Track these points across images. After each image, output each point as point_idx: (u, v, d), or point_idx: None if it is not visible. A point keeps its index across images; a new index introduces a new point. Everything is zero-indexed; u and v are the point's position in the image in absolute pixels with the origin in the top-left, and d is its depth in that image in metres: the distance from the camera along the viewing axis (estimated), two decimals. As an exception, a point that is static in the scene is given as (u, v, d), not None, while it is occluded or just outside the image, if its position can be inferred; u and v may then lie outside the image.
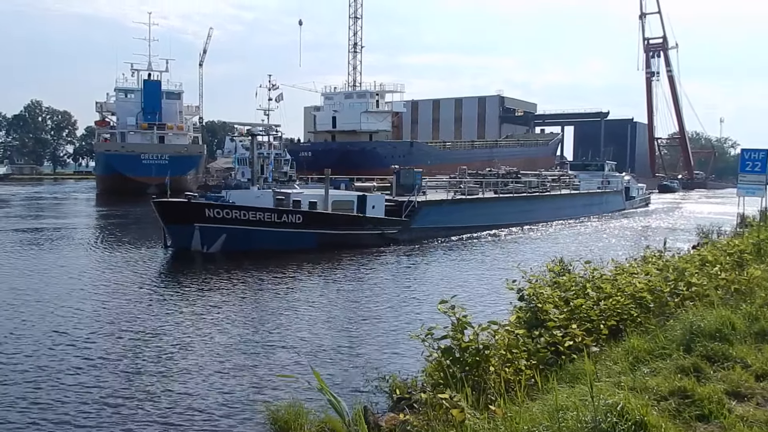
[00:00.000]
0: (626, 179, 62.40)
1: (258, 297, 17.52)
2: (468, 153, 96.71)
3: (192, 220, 24.22)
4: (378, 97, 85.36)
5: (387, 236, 28.30)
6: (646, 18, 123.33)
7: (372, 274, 21.57)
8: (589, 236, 34.48)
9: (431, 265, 24.04)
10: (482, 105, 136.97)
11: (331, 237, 25.91)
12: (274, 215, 25.05)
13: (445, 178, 41.91)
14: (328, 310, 15.63)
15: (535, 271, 9.05)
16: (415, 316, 14.63)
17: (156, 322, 14.07)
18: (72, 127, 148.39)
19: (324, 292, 18.26)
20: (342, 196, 29.40)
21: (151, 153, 63.18)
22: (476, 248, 28.65)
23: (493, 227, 34.86)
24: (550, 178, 49.78)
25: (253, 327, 13.77)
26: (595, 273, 9.33)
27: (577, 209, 46.45)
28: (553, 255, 22.25)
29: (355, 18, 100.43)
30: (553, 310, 7.34)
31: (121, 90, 70.94)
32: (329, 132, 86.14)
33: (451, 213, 33.64)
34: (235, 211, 24.61)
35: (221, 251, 24.16)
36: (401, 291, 18.43)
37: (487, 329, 6.25)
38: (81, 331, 12.97)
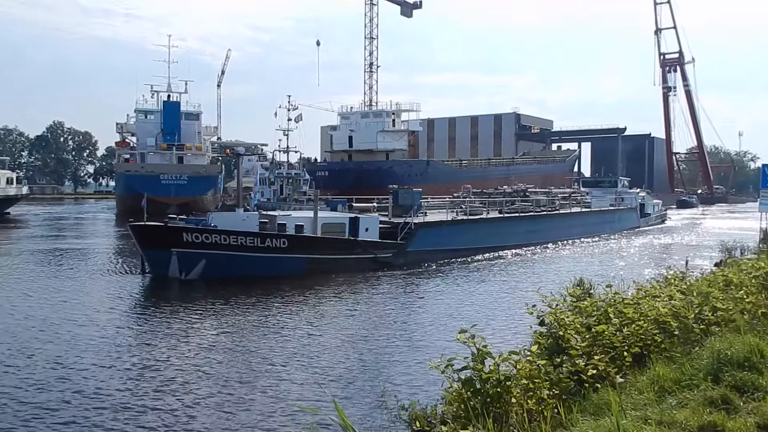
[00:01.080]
0: (641, 195, 60.34)
1: (246, 326, 16.25)
2: (484, 171, 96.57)
3: (169, 244, 22.77)
4: (394, 117, 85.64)
5: (380, 260, 26.72)
6: (661, 33, 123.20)
7: (365, 300, 20.41)
8: (601, 257, 32.91)
9: (425, 291, 22.69)
10: (498, 123, 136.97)
11: (321, 262, 24.53)
12: (256, 239, 23.56)
13: (447, 198, 40.38)
14: (326, 338, 14.75)
15: (555, 295, 8.90)
16: (416, 342, 14.22)
17: (137, 354, 12.97)
18: (93, 147, 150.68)
19: (317, 318, 17.17)
20: (332, 218, 27.85)
21: (170, 173, 63.71)
22: (477, 272, 27.10)
23: (497, 249, 33.06)
24: (560, 196, 48.13)
25: (251, 358, 12.87)
26: (617, 297, 9.16)
27: (588, 228, 44.32)
28: (560, 278, 21.96)
29: (371, 38, 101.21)
30: (575, 336, 7.20)
31: (141, 111, 71.85)
32: (346, 151, 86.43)
33: (452, 235, 31.78)
34: (215, 236, 23.14)
35: (201, 278, 22.74)
36: (398, 316, 17.61)
37: (508, 359, 6.13)
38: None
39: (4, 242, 37.41)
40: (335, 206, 32.64)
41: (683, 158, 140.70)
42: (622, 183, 58.85)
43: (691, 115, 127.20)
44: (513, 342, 10.01)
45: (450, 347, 12.51)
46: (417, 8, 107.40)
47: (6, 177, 62.25)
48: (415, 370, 11.73)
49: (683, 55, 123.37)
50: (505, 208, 38.28)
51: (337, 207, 32.68)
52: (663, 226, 58.50)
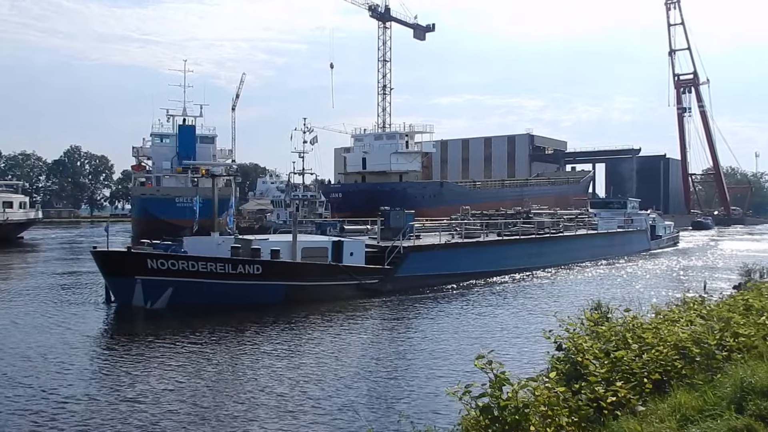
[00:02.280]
0: (651, 217, 58.48)
1: (217, 360, 14.79)
2: (498, 192, 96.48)
3: (133, 272, 21.25)
4: (407, 138, 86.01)
5: (365, 287, 25.01)
6: (675, 54, 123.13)
7: (346, 329, 18.95)
8: (607, 281, 31.14)
9: (408, 319, 21.26)
10: (512, 144, 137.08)
11: (300, 289, 22.95)
12: (227, 265, 21.97)
13: (445, 220, 39.07)
14: (308, 369, 13.72)
15: (572, 319, 8.79)
16: (405, 373, 13.54)
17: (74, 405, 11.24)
18: (109, 171, 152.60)
19: (297, 349, 16.04)
20: (313, 242, 26.21)
21: (185, 196, 64.19)
22: (471, 298, 25.31)
23: (496, 274, 31.31)
24: (565, 218, 46.47)
25: (233, 395, 11.87)
26: (635, 321, 9.04)
27: (595, 251, 42.47)
28: (563, 305, 21.47)
29: (384, 61, 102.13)
30: (594, 362, 7.10)
31: (157, 135, 72.67)
32: (359, 173, 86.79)
33: (445, 259, 29.73)
34: (182, 262, 21.63)
35: (168, 307, 21.18)
36: (383, 346, 16.59)
37: (526, 386, 6.05)
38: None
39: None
40: (325, 229, 31.38)
41: (699, 179, 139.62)
42: (631, 204, 57.11)
43: (706, 136, 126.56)
44: (515, 369, 9.77)
45: (446, 377, 12.52)
46: (430, 31, 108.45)
47: (19, 201, 62.81)
48: (416, 399, 11.53)
49: (698, 76, 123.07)
50: (504, 231, 36.76)
51: (326, 230, 31.25)
52: (675, 249, 56.55)
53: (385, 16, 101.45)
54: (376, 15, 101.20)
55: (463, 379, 6.34)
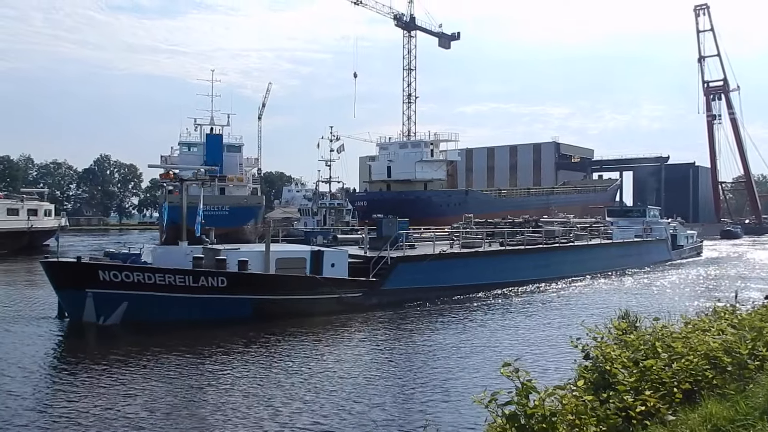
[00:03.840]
0: (672, 225, 56.20)
1: (179, 386, 13.16)
2: (524, 200, 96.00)
3: (83, 284, 19.43)
4: (432, 147, 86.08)
5: (346, 301, 22.91)
6: (705, 61, 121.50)
7: (319, 348, 17.15)
8: (619, 293, 29.43)
9: (391, 337, 19.34)
10: (537, 152, 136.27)
11: (270, 304, 21.05)
12: (188, 278, 20.10)
13: (447, 229, 37.26)
14: (287, 391, 12.65)
15: (600, 328, 8.69)
16: (388, 400, 12.30)
17: None
18: (137, 179, 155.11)
19: (264, 369, 14.63)
20: (290, 252, 24.27)
21: (212, 204, 64.94)
22: (462, 313, 23.39)
23: (496, 286, 29.48)
24: (578, 227, 44.41)
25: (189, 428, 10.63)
26: (665, 330, 8.91)
27: (610, 261, 40.33)
28: (570, 318, 21.02)
29: (409, 70, 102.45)
30: (622, 371, 7.01)
31: (185, 144, 73.53)
32: (384, 181, 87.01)
33: (439, 270, 27.45)
34: (137, 274, 19.76)
35: (122, 323, 19.45)
36: (359, 368, 14.83)
37: (553, 394, 6.00)
38: None
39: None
40: (312, 238, 29.48)
41: (729, 188, 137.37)
42: (651, 212, 54.50)
43: (737, 144, 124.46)
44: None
45: (447, 398, 12.15)
46: (455, 39, 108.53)
47: (44, 209, 63.65)
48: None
49: (728, 83, 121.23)
50: (507, 240, 34.52)
51: (315, 239, 29.37)
52: (698, 259, 54.04)
53: (410, 25, 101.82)
54: (401, 24, 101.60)
55: (467, 391, 6.29)
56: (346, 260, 24.36)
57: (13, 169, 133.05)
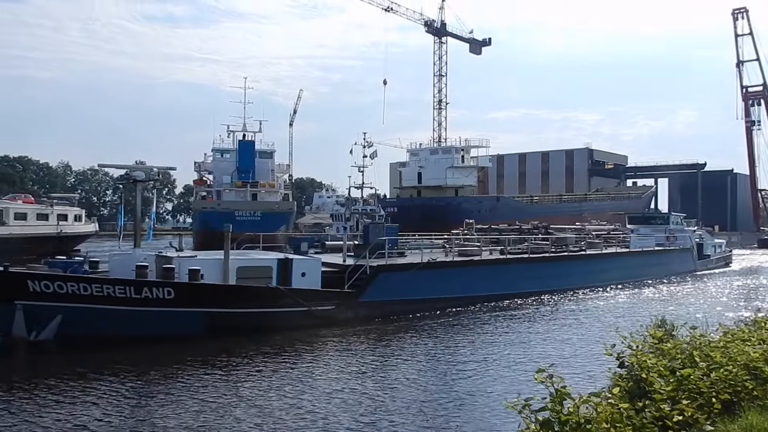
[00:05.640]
0: (698, 234, 53.39)
1: (114, 411, 11.82)
2: (556, 207, 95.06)
3: (12, 296, 17.46)
4: (463, 153, 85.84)
5: (315, 315, 20.79)
6: (744, 65, 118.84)
7: (282, 371, 15.40)
8: (635, 305, 27.76)
9: (372, 352, 17.57)
10: (570, 158, 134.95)
11: (226, 318, 18.78)
12: (129, 289, 18.05)
13: (445, 236, 34.83)
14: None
15: (635, 336, 8.57)
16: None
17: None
18: (171, 185, 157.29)
19: (208, 399, 12.80)
20: (253, 261, 22.26)
21: (244, 210, 65.61)
22: (453, 328, 21.56)
23: (492, 298, 27.29)
24: (593, 234, 42.10)
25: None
26: (702, 339, 8.74)
27: (627, 272, 37.70)
28: (573, 334, 20.14)
29: (440, 76, 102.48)
30: (659, 380, 6.89)
31: (218, 150, 74.53)
32: (415, 187, 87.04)
33: (425, 281, 25.03)
34: (71, 284, 17.74)
35: (56, 339, 17.60)
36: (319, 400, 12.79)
37: (588, 401, 5.91)
38: None
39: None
40: (298, 245, 27.81)
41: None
42: (674, 219, 51.20)
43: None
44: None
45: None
46: (486, 45, 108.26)
47: (74, 214, 64.69)
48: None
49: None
50: (508, 248, 32.15)
51: (300, 246, 27.61)
52: (726, 270, 50.65)
53: (440, 31, 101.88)
54: (431, 30, 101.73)
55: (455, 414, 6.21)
56: (318, 269, 22.29)
57: (51, 176, 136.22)
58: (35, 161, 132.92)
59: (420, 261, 25.74)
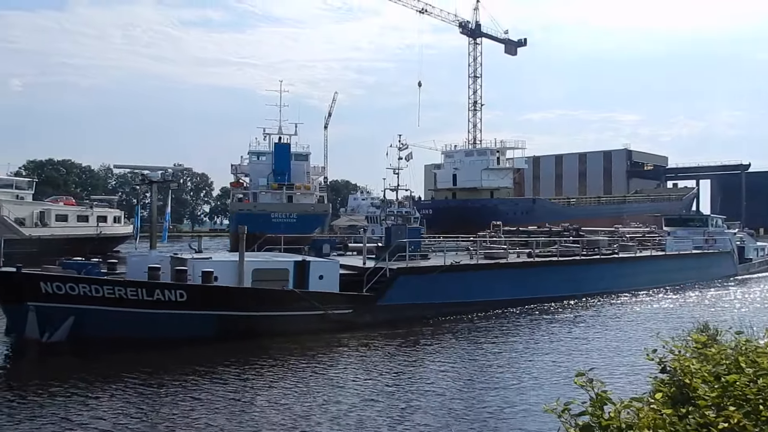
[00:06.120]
0: (739, 236, 50.51)
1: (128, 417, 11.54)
2: (594, 209, 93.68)
3: (25, 297, 17.52)
4: (499, 154, 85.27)
5: (332, 318, 20.40)
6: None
7: (298, 377, 14.91)
8: (667, 312, 26.52)
9: (393, 358, 17.08)
10: (608, 159, 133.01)
11: (239, 321, 18.67)
12: (141, 291, 17.96)
13: (471, 238, 33.88)
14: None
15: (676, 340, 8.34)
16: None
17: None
18: (209, 188, 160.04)
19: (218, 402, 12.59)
20: (269, 263, 21.94)
21: (280, 212, 66.22)
22: (476, 333, 21.04)
23: (517, 303, 26.57)
24: (627, 236, 40.76)
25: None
26: (749, 345, 8.46)
27: (662, 276, 36.32)
28: (600, 342, 19.46)
29: (475, 77, 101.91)
30: (703, 386, 6.69)
31: (254, 153, 75.45)
32: (450, 189, 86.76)
33: (449, 284, 24.50)
34: (83, 285, 17.70)
35: (69, 340, 17.58)
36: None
37: (629, 406, 5.77)
38: None
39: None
40: (319, 247, 27.50)
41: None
42: (714, 221, 48.60)
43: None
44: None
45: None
46: (521, 45, 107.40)
47: (113, 215, 66.03)
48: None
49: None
50: (537, 251, 31.12)
51: (322, 248, 27.28)
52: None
53: (475, 32, 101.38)
54: (466, 31, 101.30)
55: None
56: (336, 272, 21.85)
57: (93, 179, 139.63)
58: (78, 164, 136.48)
59: (442, 264, 25.07)
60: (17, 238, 49.23)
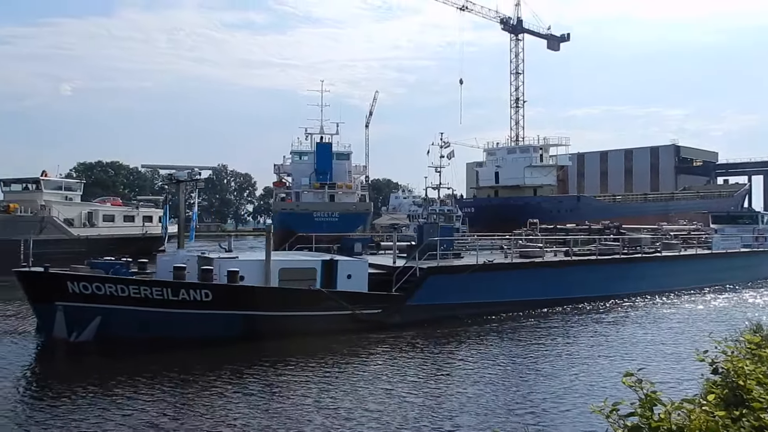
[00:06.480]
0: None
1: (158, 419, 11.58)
2: (640, 206, 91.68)
3: (53, 297, 17.75)
4: (542, 151, 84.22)
5: (361, 318, 20.19)
6: None
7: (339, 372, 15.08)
8: (713, 313, 25.63)
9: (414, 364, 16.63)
10: (655, 155, 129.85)
11: (265, 321, 18.54)
12: (166, 290, 18.00)
13: (508, 236, 33.42)
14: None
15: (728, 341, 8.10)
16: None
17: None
18: (252, 188, 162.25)
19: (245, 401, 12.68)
20: (296, 262, 21.83)
21: (322, 211, 66.71)
22: (510, 333, 20.69)
23: (553, 303, 26.08)
24: (670, 234, 39.54)
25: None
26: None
27: (706, 275, 35.03)
28: (640, 345, 18.91)
29: (517, 74, 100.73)
30: (757, 388, 6.48)
31: (296, 152, 76.18)
32: (492, 187, 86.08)
33: (482, 284, 24.02)
34: (109, 285, 17.78)
35: (96, 340, 17.74)
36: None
37: (680, 408, 5.62)
38: None
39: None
40: (350, 246, 27.27)
41: None
42: (764, 219, 46.49)
43: None
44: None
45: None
46: (564, 41, 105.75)
47: (159, 215, 67.50)
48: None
49: None
50: (575, 249, 30.53)
51: (353, 247, 27.03)
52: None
53: (517, 28, 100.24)
54: (508, 28, 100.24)
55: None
56: (365, 271, 21.66)
57: (141, 180, 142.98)
58: (125, 166, 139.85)
59: (475, 263, 24.64)
60: (66, 238, 50.80)
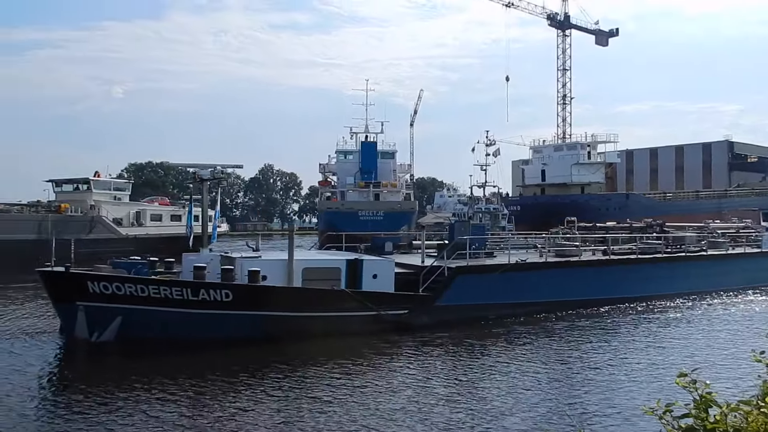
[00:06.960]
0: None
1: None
2: (693, 204, 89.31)
3: (73, 297, 17.77)
4: (589, 149, 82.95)
5: (386, 319, 19.78)
6: None
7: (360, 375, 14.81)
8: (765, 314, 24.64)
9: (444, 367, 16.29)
10: (707, 152, 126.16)
11: (287, 322, 18.23)
12: (186, 291, 17.83)
13: (545, 234, 32.23)
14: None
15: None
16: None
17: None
18: (297, 187, 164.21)
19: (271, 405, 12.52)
20: (320, 262, 21.47)
21: (367, 210, 67.02)
22: (543, 335, 20.20)
23: (590, 303, 25.29)
24: (718, 232, 38.12)
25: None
26: None
27: (755, 275, 33.38)
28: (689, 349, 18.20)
29: (564, 70, 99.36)
30: (818, 390, 6.28)
31: (341, 152, 76.72)
32: (538, 185, 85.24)
33: (514, 284, 23.36)
34: (129, 285, 17.71)
35: (117, 340, 17.71)
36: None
37: (737, 410, 5.50)
38: None
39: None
40: (381, 245, 26.81)
41: None
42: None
43: None
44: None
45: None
46: (613, 36, 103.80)
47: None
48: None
49: None
50: (614, 248, 29.51)
51: (383, 246, 26.55)
52: None
53: (564, 23, 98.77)
54: (554, 23, 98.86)
55: None
56: (391, 271, 21.10)
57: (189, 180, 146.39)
58: (174, 166, 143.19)
59: (506, 262, 24.00)
60: (114, 237, 52.34)
